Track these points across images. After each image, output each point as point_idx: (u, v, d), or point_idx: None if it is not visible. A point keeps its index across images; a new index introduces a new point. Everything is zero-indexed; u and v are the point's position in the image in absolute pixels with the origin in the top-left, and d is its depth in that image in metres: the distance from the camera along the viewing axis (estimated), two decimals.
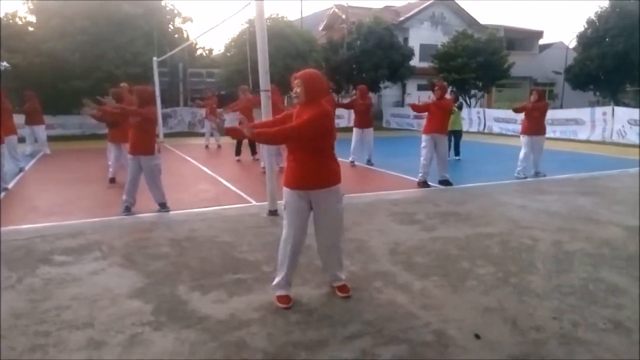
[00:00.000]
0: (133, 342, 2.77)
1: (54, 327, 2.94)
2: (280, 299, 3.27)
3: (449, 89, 12.45)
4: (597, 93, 24.55)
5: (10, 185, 7.53)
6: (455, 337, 2.81)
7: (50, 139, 12.70)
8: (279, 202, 5.75)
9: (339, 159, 3.34)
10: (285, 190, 3.25)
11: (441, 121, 7.42)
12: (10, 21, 16.61)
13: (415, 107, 7.96)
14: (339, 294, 3.40)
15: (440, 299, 3.37)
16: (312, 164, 3.14)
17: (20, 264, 4.04)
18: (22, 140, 10.95)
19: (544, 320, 3.04)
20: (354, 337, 2.83)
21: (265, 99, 5.62)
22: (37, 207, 6.38)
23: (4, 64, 16.72)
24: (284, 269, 3.29)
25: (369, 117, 10.04)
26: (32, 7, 16.70)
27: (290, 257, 3.27)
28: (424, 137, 7.55)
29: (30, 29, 16.78)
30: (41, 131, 11.77)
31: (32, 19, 16.94)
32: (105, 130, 8.16)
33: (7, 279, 3.72)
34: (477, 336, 2.81)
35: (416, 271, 3.89)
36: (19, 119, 11.24)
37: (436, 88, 7.57)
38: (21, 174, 8.95)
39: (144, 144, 5.66)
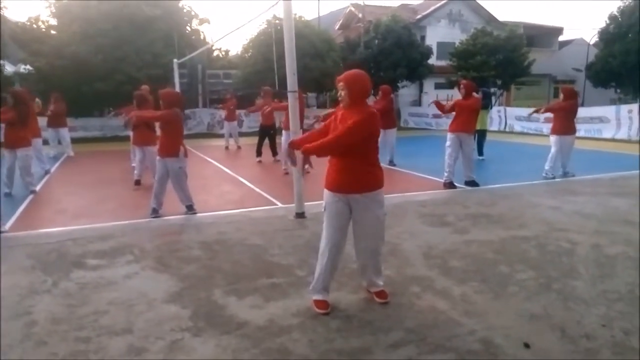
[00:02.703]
0: (174, 349, 2.73)
1: (94, 332, 2.92)
2: (318, 304, 3.20)
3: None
4: (619, 90, 24.02)
5: (37, 188, 7.59)
6: (503, 346, 2.72)
7: (73, 141, 12.78)
8: (306, 204, 5.71)
9: None
10: (325, 192, 3.19)
11: (468, 120, 7.27)
12: (34, 25, 16.83)
13: (440, 107, 7.82)
14: (377, 299, 3.32)
15: (482, 305, 3.27)
16: (352, 168, 3.07)
17: (54, 268, 4.05)
18: (45, 142, 11.05)
19: (593, 328, 2.92)
20: (397, 345, 2.75)
21: (292, 99, 5.57)
22: (65, 209, 6.41)
23: (27, 67, 17.02)
24: (322, 272, 3.21)
25: (392, 118, 9.91)
26: (54, 10, 16.87)
27: (328, 261, 3.19)
28: (449, 135, 7.42)
29: (53, 32, 16.96)
30: (65, 133, 11.87)
31: (54, 22, 17.12)
32: (126, 133, 8.18)
33: (42, 282, 3.73)
34: (527, 345, 2.71)
35: (454, 276, 3.80)
36: (41, 121, 11.34)
37: (461, 86, 7.45)
38: (47, 176, 9.04)
39: (169, 146, 5.65)
